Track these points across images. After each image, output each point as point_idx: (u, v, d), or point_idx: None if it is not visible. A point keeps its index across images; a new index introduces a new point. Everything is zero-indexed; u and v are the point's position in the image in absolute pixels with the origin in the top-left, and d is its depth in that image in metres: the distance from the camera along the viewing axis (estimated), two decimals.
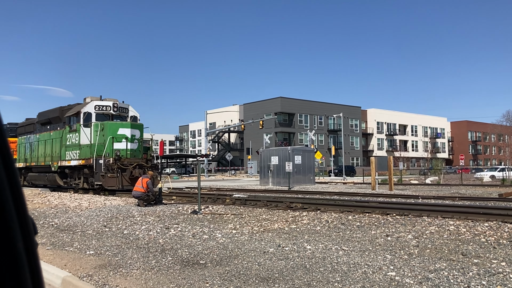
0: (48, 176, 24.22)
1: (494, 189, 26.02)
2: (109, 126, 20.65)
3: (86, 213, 13.59)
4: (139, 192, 15.28)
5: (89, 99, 22.05)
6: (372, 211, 12.48)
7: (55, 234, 10.12)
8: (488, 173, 44.41)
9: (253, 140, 74.35)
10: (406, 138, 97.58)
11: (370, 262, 6.57)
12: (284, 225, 10.57)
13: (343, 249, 7.55)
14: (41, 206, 16.39)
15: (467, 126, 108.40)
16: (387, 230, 9.36)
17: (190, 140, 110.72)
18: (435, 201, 16.69)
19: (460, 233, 8.86)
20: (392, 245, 7.83)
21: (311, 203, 14.59)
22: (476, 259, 6.63)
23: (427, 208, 12.49)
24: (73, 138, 21.81)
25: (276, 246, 7.90)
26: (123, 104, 22.34)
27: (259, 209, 13.96)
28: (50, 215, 13.59)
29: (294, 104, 76.82)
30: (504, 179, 36.70)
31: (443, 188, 27.31)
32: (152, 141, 23.84)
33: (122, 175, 19.91)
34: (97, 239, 9.28)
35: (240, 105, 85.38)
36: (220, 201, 16.95)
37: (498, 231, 8.89)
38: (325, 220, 11.03)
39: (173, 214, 13.04)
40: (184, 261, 6.97)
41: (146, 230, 10.19)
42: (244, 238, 8.87)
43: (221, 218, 11.99)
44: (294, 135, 76.36)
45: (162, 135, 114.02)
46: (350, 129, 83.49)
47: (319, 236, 8.91)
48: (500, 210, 11.72)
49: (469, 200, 17.42)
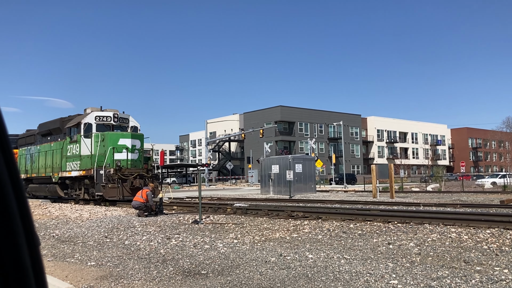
0: (48, 187, 24.20)
1: (496, 196, 25.97)
2: (109, 137, 20.68)
3: (87, 224, 13.57)
4: (138, 202, 15.28)
5: (90, 109, 22.11)
6: (374, 219, 12.46)
7: (56, 245, 10.09)
8: (490, 180, 44.36)
9: (253, 149, 74.36)
10: (406, 145, 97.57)
11: (372, 270, 6.55)
12: (285, 234, 10.55)
13: (345, 258, 7.52)
14: (42, 217, 16.36)
15: (468, 133, 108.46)
16: (389, 238, 9.34)
17: (191, 150, 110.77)
18: (437, 209, 16.66)
19: (462, 240, 8.84)
20: (394, 253, 7.81)
21: (313, 212, 14.56)
22: (478, 267, 6.61)
23: (429, 215, 12.47)
24: (73, 149, 21.83)
25: (278, 256, 7.88)
26: (124, 114, 22.41)
27: (260, 218, 13.94)
28: (51, 227, 13.56)
29: (294, 112, 76.97)
30: (505, 186, 36.64)
31: (444, 195, 27.26)
32: (152, 151, 23.87)
33: (123, 186, 19.90)
34: (98, 250, 9.25)
35: (240, 114, 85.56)
36: (221, 210, 16.92)
37: (500, 238, 8.87)
38: (327, 229, 11.00)
39: (174, 224, 13.01)
40: (186, 271, 6.95)
41: (147, 240, 10.17)
42: (246, 248, 8.85)
43: (222, 228, 11.97)
44: (294, 144, 76.39)
45: (162, 145, 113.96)
46: (351, 137, 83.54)
47: (321, 245, 8.89)
48: (502, 217, 11.70)
49: (470, 207, 17.39)
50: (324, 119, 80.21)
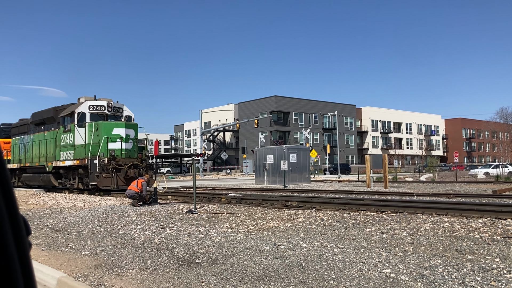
0: (42, 177, 24.09)
1: (488, 186, 26.18)
2: (103, 126, 20.57)
3: (81, 214, 13.55)
4: (132, 191, 15.28)
5: (83, 99, 21.95)
6: (367, 208, 12.52)
7: (50, 234, 10.07)
8: (483, 170, 44.62)
9: (248, 139, 74.34)
10: (400, 135, 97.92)
11: (365, 259, 6.59)
12: (279, 223, 10.58)
13: (339, 247, 7.57)
14: (35, 207, 16.31)
15: (461, 124, 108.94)
16: (382, 228, 9.40)
17: (185, 140, 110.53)
18: (430, 198, 16.77)
19: (454, 229, 8.91)
20: (387, 243, 7.86)
21: (307, 201, 14.61)
22: (470, 256, 6.67)
23: (422, 205, 12.54)
24: (67, 139, 21.71)
25: (272, 245, 7.91)
26: (118, 104, 22.26)
27: (255, 207, 13.97)
28: (45, 216, 13.52)
29: (289, 102, 76.88)
30: (498, 176, 36.91)
31: (438, 185, 27.44)
32: (147, 140, 23.78)
33: (117, 175, 19.85)
34: (92, 239, 9.25)
35: (235, 104, 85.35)
36: (215, 200, 16.94)
37: (492, 228, 8.95)
38: (321, 218, 11.05)
39: (169, 213, 13.02)
40: (180, 261, 6.96)
41: (141, 230, 10.17)
42: (240, 237, 8.87)
43: (216, 217, 11.99)
44: (289, 134, 76.44)
45: (157, 134, 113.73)
46: (345, 127, 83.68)
47: (315, 234, 8.93)
48: (494, 206, 11.79)
49: (463, 197, 17.52)
50: (319, 109, 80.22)
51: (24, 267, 0.81)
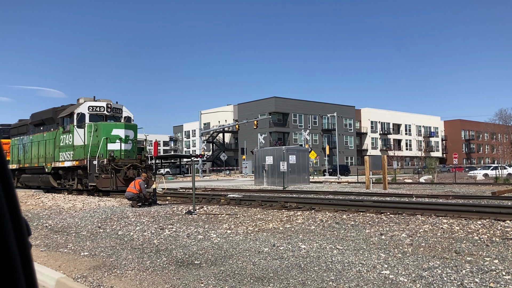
0: (41, 178, 24.07)
1: (487, 187, 26.19)
2: (102, 127, 20.57)
3: (80, 214, 13.54)
4: (132, 193, 15.26)
5: (83, 99, 21.94)
6: (367, 210, 12.53)
7: (49, 235, 10.07)
8: (482, 172, 44.66)
9: (247, 140, 74.32)
10: (400, 137, 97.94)
11: (364, 261, 6.60)
12: (278, 224, 10.59)
13: (338, 248, 7.57)
14: (34, 208, 16.30)
15: (461, 125, 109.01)
16: (381, 229, 9.40)
17: (185, 141, 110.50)
18: (429, 200, 16.77)
19: (453, 231, 8.92)
20: (386, 244, 7.86)
21: (306, 203, 14.61)
22: (469, 257, 6.68)
23: (421, 206, 12.55)
24: (66, 139, 21.70)
25: (271, 246, 7.92)
26: (117, 104, 22.26)
27: (254, 209, 13.97)
28: (44, 217, 13.51)
29: (288, 104, 76.87)
30: (497, 178, 36.95)
31: (437, 187, 27.45)
32: (146, 141, 23.78)
33: (116, 176, 19.84)
34: (92, 240, 9.24)
35: (234, 105, 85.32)
36: (214, 201, 16.93)
37: (491, 229, 8.96)
38: (320, 220, 11.05)
39: (168, 214, 13.02)
40: (179, 262, 6.96)
41: (140, 231, 10.17)
42: (239, 238, 8.87)
43: (215, 218, 11.99)
44: (288, 135, 76.41)
45: (156, 135, 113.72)
46: (344, 129, 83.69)
47: (314, 236, 8.94)
48: (493, 208, 11.81)
49: (462, 198, 17.52)
50: (318, 111, 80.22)
51: (26, 268, 0.82)
